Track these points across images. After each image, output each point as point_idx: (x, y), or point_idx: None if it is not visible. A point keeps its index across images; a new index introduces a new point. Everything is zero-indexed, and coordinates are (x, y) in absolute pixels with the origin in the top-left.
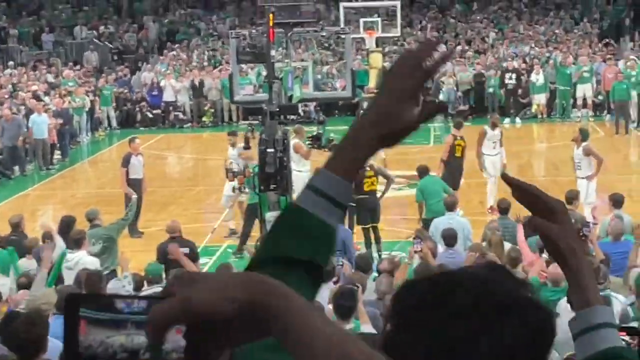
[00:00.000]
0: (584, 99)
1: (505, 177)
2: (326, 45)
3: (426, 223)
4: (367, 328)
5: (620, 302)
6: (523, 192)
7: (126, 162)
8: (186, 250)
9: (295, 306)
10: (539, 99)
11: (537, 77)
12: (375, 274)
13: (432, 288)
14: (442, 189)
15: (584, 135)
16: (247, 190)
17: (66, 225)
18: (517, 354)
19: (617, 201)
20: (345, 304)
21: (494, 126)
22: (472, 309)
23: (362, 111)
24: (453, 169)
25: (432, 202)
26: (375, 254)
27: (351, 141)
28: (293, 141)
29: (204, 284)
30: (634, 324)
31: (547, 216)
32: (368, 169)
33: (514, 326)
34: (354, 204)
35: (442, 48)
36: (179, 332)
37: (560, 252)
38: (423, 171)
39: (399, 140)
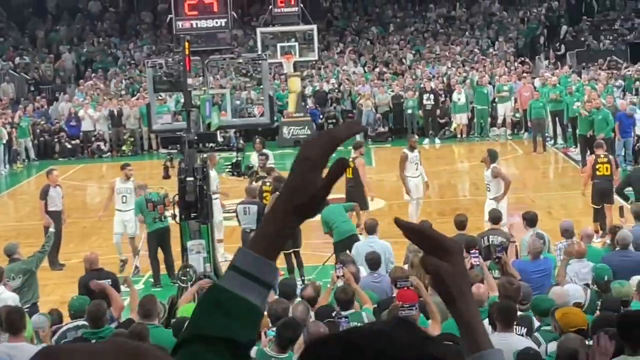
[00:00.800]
0: (504, 118)
1: (397, 222)
2: (244, 71)
3: (337, 247)
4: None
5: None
6: (416, 233)
7: (44, 194)
8: (108, 281)
9: None
10: (461, 119)
11: (459, 97)
12: (299, 299)
13: (340, 347)
14: (343, 209)
15: (492, 156)
16: (166, 219)
17: None
18: None
19: (531, 220)
20: (287, 335)
21: (412, 148)
22: None
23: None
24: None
25: (338, 225)
26: (298, 280)
27: (269, 218)
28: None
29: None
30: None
31: (442, 256)
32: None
33: None
34: None
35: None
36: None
37: (450, 293)
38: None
39: (314, 210)
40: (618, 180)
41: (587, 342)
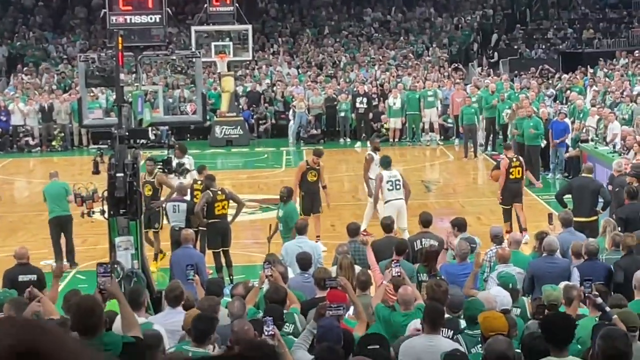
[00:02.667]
0: (431, 123)
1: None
2: (179, 69)
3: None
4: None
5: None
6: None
7: None
8: (33, 277)
9: (64, 345)
10: (395, 123)
11: (395, 101)
12: (227, 298)
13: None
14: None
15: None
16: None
17: None
18: None
19: (460, 225)
20: (202, 328)
21: (376, 150)
22: None
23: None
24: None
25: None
26: (227, 278)
27: None
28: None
29: None
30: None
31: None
32: (219, 192)
33: None
34: (204, 228)
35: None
36: None
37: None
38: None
39: None
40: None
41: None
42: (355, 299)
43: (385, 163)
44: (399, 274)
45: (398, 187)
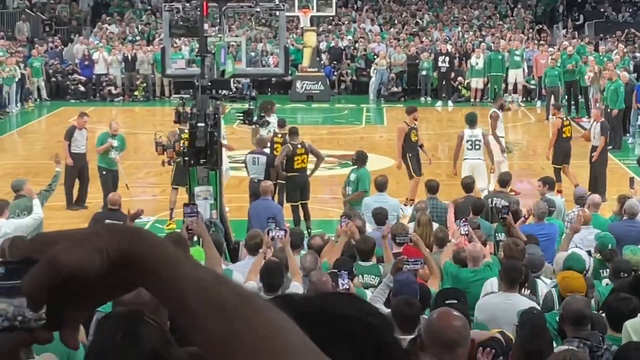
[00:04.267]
0: (515, 84)
1: None
2: (262, 21)
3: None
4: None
5: (545, 284)
6: None
7: (69, 135)
8: (120, 223)
9: (165, 254)
10: (476, 83)
11: (477, 61)
12: (305, 250)
13: (277, 302)
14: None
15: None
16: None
17: None
18: None
19: (551, 183)
20: (272, 282)
21: (501, 108)
22: (308, 322)
23: None
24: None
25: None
26: (305, 231)
27: None
28: None
29: (67, 241)
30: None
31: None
32: (299, 146)
33: (348, 345)
34: (283, 181)
35: None
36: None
37: None
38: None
39: None
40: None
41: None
42: (428, 254)
43: (470, 121)
44: (467, 232)
45: (477, 146)
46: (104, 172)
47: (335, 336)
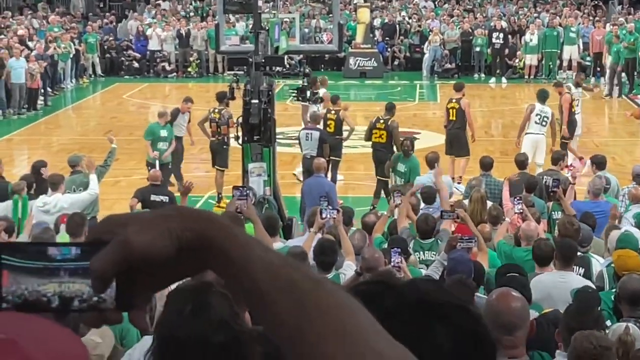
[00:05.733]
0: (570, 61)
1: None
2: None
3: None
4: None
5: (599, 263)
6: None
7: (173, 117)
8: (165, 198)
9: (235, 236)
10: (531, 59)
11: (531, 37)
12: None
13: (370, 288)
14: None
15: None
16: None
17: (37, 170)
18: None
19: (599, 163)
20: (325, 260)
21: (577, 85)
22: (403, 309)
23: None
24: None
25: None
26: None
27: None
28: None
29: (138, 224)
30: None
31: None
32: (381, 121)
33: (444, 329)
34: (337, 158)
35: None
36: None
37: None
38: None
39: None
40: None
41: None
42: (475, 230)
43: (541, 97)
44: (521, 210)
45: (544, 123)
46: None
47: (435, 324)
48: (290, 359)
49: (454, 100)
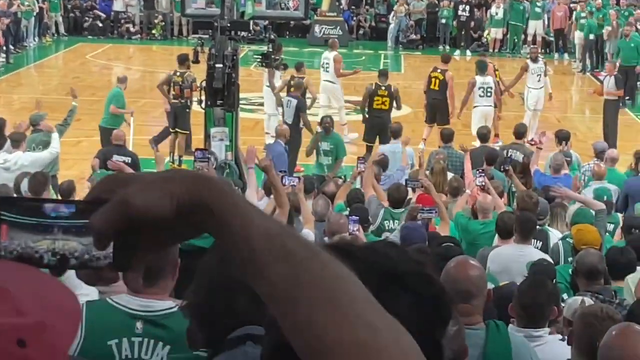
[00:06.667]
0: (534, 36)
1: None
2: None
3: None
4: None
5: (556, 236)
6: None
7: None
8: (128, 159)
9: (234, 201)
10: (495, 33)
11: (497, 11)
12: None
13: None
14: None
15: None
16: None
17: None
18: (408, 325)
19: (563, 138)
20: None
21: (535, 59)
22: (363, 277)
23: None
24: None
25: None
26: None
27: None
28: (332, 53)
29: (138, 184)
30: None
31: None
32: (383, 88)
33: (405, 297)
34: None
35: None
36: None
37: None
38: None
39: None
40: None
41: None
42: (439, 200)
43: (480, 68)
44: (482, 183)
45: (489, 94)
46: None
47: (396, 291)
48: (285, 329)
49: (438, 70)
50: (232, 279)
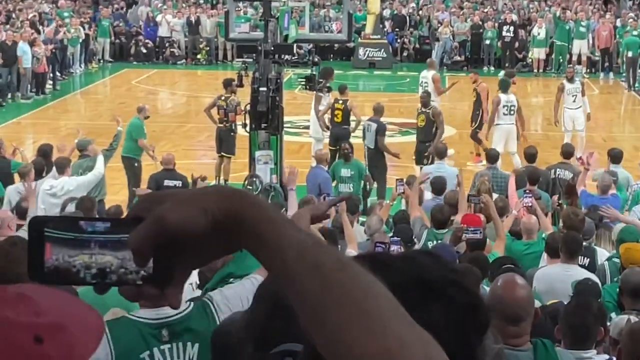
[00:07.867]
0: (579, 55)
1: None
2: None
3: None
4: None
5: (603, 255)
6: None
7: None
8: (178, 183)
9: (268, 215)
10: (539, 53)
11: (539, 31)
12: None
13: (367, 265)
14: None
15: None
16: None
17: (43, 154)
18: (443, 335)
19: (615, 157)
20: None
21: (570, 79)
22: (399, 287)
23: None
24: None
25: None
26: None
27: None
28: (430, 73)
29: (174, 201)
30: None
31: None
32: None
33: (440, 306)
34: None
35: None
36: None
37: None
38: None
39: None
40: None
41: None
42: (497, 217)
43: (504, 87)
44: (530, 204)
45: (512, 112)
46: (136, 164)
47: (431, 301)
48: (315, 341)
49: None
50: None
